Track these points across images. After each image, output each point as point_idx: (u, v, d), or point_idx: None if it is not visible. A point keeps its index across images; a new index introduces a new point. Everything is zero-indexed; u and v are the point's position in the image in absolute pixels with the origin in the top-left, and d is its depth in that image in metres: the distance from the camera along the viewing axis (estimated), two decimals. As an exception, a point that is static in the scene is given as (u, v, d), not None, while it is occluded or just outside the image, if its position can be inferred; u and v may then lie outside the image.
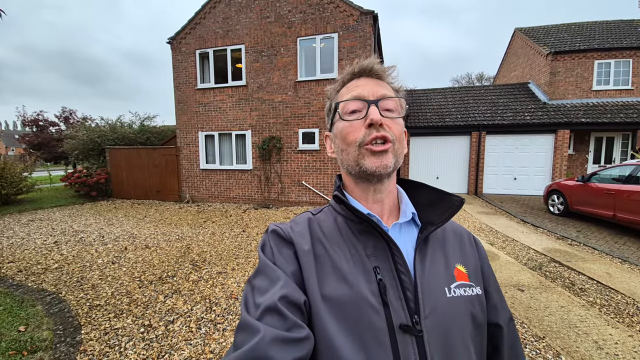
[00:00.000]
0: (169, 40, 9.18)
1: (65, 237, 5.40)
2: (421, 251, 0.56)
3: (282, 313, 0.46)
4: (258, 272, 0.53)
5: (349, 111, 0.57)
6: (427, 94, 12.32)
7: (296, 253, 0.55)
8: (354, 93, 0.57)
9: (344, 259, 0.54)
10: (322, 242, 0.57)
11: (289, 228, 0.60)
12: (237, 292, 3.24)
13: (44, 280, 3.60)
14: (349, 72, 0.61)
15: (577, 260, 4.13)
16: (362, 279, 0.51)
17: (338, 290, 0.50)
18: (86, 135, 10.44)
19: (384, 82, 0.60)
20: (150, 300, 3.07)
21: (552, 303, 2.98)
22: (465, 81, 33.73)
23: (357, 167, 0.56)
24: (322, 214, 0.64)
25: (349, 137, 0.57)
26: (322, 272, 0.53)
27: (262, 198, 8.70)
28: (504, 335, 0.59)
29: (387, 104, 0.57)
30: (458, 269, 0.57)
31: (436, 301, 0.51)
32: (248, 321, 0.45)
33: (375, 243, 0.55)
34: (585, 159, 10.16)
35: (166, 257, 4.36)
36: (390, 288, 0.50)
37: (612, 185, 5.44)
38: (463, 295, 0.54)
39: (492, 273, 0.64)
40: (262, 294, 0.49)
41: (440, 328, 0.49)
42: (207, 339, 2.42)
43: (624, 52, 9.89)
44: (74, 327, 2.61)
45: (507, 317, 0.61)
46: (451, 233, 0.63)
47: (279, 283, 0.49)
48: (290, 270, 0.53)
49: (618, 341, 2.37)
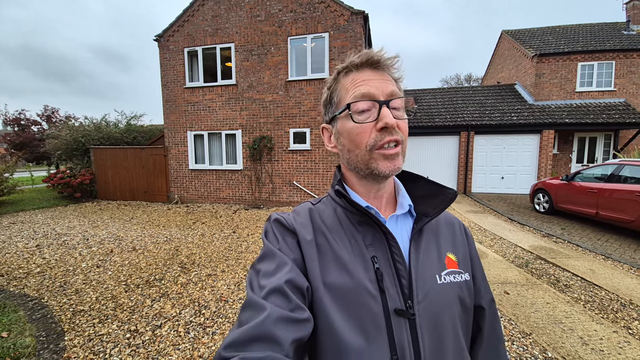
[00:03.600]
0: (156, 38, 8.99)
1: (48, 241, 5.22)
2: (416, 241, 0.59)
3: (287, 295, 0.48)
4: (263, 257, 0.55)
5: (358, 111, 0.56)
6: (417, 94, 12.45)
7: (299, 242, 0.57)
8: (362, 90, 0.55)
9: (345, 249, 0.56)
10: (324, 233, 0.59)
11: (291, 218, 0.62)
12: (227, 294, 3.19)
13: (26, 285, 3.47)
14: (352, 62, 0.58)
15: (561, 257, 4.24)
16: (361, 267, 0.54)
17: (339, 278, 0.53)
18: (69, 135, 10.11)
19: (387, 73, 0.58)
20: (136, 304, 2.99)
21: (538, 300, 3.05)
22: (454, 82, 34.24)
23: (367, 170, 0.57)
24: (322, 204, 0.65)
25: (359, 139, 0.56)
26: (324, 261, 0.55)
27: (253, 198, 8.62)
28: (485, 316, 0.65)
29: (396, 103, 0.56)
30: (449, 257, 0.61)
31: (428, 288, 0.55)
32: (254, 299, 0.47)
33: (374, 234, 0.57)
34: (569, 158, 10.45)
35: (154, 259, 4.27)
36: (386, 276, 0.54)
37: (595, 184, 5.60)
38: (452, 282, 0.58)
39: (478, 259, 0.68)
40: (267, 277, 0.51)
41: (431, 311, 0.53)
42: (196, 343, 2.37)
43: (607, 54, 10.21)
44: (57, 334, 2.53)
45: (489, 299, 0.66)
46: (444, 223, 0.66)
47: (286, 268, 0.52)
48: (293, 257, 0.55)
49: (603, 337, 2.43)
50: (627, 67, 10.16)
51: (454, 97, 11.76)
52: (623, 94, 10.20)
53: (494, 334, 0.66)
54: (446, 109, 10.86)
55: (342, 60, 0.60)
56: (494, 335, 0.66)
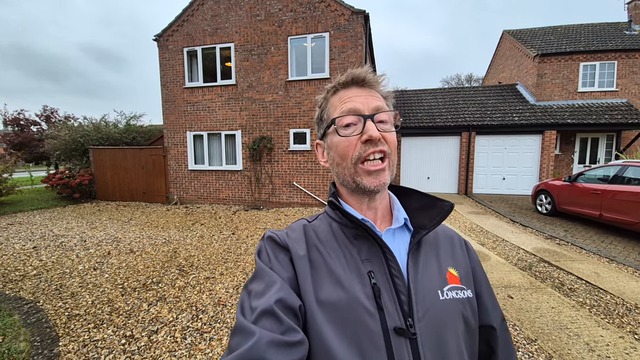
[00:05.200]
0: (155, 38, 8.94)
1: (45, 242, 5.17)
2: (414, 255, 0.57)
3: (277, 316, 0.46)
4: (254, 277, 0.54)
5: (344, 124, 0.57)
6: (417, 94, 12.39)
7: (292, 259, 0.56)
8: (349, 106, 0.57)
9: (339, 264, 0.54)
10: (318, 247, 0.57)
11: (284, 234, 0.61)
12: (225, 298, 3.13)
13: (21, 288, 3.42)
14: (339, 81, 0.61)
15: (565, 260, 4.17)
16: (357, 283, 0.52)
17: (334, 294, 0.51)
18: (68, 135, 10.07)
19: (375, 90, 0.60)
20: (133, 308, 2.93)
21: (542, 304, 2.99)
22: (455, 82, 34.17)
23: (353, 184, 0.57)
24: (318, 221, 0.64)
25: (345, 152, 0.57)
26: (318, 277, 0.53)
27: (253, 199, 8.57)
28: (497, 336, 0.62)
29: (381, 117, 0.57)
30: (450, 272, 0.58)
31: (429, 304, 0.52)
32: (243, 324, 0.45)
33: (370, 248, 0.55)
34: (571, 159, 10.38)
35: (151, 262, 4.21)
36: (384, 292, 0.52)
37: (598, 185, 5.54)
38: (455, 298, 0.55)
39: (484, 276, 0.65)
40: (258, 298, 0.49)
41: (433, 330, 0.51)
42: (192, 349, 2.31)
43: (609, 54, 10.14)
44: (52, 339, 2.48)
45: (499, 318, 0.63)
46: (442, 236, 0.65)
47: (275, 287, 0.50)
48: (286, 276, 0.53)
49: (609, 342, 2.38)
50: (629, 68, 10.09)
51: (455, 97, 11.69)
52: (625, 95, 10.14)
53: (509, 352, 0.63)
54: (447, 109, 10.80)
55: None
56: (509, 353, 0.63)
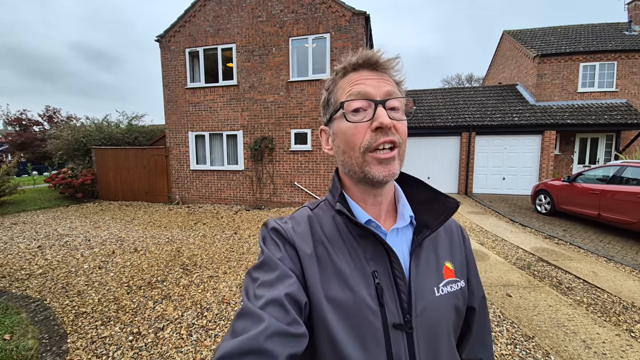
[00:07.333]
0: (157, 38, 8.99)
1: (50, 241, 5.23)
2: (416, 255, 0.58)
3: (285, 308, 0.47)
4: (262, 266, 0.53)
5: (352, 109, 0.54)
6: (418, 94, 12.43)
7: (299, 256, 0.56)
8: (358, 89, 0.54)
9: (345, 262, 0.55)
10: (324, 244, 0.57)
11: (290, 228, 0.59)
12: (229, 296, 3.19)
13: (28, 286, 3.48)
14: (350, 62, 0.56)
15: (563, 259, 4.23)
16: (361, 282, 0.53)
17: (341, 293, 0.52)
18: (71, 135, 10.14)
19: (387, 74, 0.56)
20: (139, 306, 2.99)
21: (540, 302, 3.04)
22: (455, 82, 34.19)
23: (361, 174, 0.55)
24: (320, 210, 0.63)
25: (353, 140, 0.54)
26: (325, 275, 0.54)
27: (254, 199, 8.63)
28: (476, 316, 0.66)
29: (393, 103, 0.54)
30: (447, 267, 0.61)
31: (427, 302, 0.55)
32: (252, 309, 0.45)
33: (374, 248, 0.56)
34: (570, 159, 10.43)
35: (155, 261, 4.27)
36: (386, 291, 0.54)
37: (597, 186, 5.59)
38: (449, 292, 0.58)
39: (473, 261, 0.68)
40: (266, 288, 0.49)
41: (428, 324, 0.54)
42: (198, 346, 2.37)
43: (608, 54, 10.18)
44: (60, 336, 2.53)
45: (480, 297, 0.67)
46: (442, 231, 0.65)
47: (288, 281, 0.50)
48: (296, 271, 0.54)
49: (605, 340, 2.43)
50: (629, 68, 10.13)
51: (455, 97, 11.73)
52: (625, 95, 10.18)
53: (484, 329, 0.67)
54: (447, 110, 10.84)
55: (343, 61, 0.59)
56: (483, 330, 0.67)
